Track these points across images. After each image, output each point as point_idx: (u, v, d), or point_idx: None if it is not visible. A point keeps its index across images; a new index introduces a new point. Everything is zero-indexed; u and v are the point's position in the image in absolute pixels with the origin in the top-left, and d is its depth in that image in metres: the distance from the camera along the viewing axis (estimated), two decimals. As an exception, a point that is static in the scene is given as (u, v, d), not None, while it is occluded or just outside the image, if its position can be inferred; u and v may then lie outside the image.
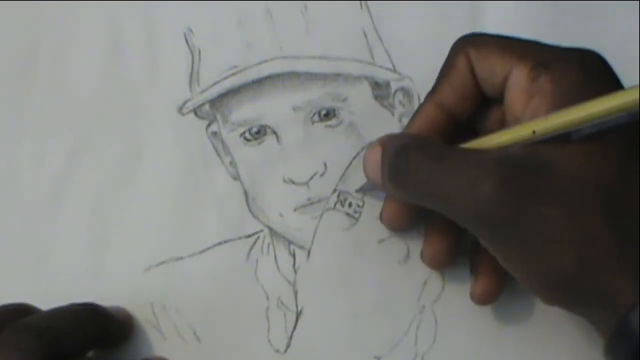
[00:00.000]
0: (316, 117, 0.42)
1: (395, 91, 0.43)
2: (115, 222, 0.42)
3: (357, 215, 0.41)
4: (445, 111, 0.38)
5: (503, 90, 0.36)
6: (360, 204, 0.41)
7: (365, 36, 0.44)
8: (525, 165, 0.33)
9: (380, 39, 0.44)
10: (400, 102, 0.43)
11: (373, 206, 0.41)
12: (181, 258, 0.41)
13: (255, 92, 0.42)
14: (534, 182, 0.32)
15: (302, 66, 0.43)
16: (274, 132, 0.42)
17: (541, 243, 0.32)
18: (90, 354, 0.39)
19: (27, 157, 0.43)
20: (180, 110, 0.43)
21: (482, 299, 0.38)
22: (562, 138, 0.33)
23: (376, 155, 0.37)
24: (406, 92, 0.43)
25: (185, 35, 0.44)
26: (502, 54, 0.36)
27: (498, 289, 0.38)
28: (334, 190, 0.41)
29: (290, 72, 0.43)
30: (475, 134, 0.37)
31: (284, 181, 0.42)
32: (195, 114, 0.43)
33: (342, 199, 0.41)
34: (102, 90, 0.44)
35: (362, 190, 0.41)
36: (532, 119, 0.34)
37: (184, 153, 0.43)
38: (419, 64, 0.43)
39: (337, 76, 0.43)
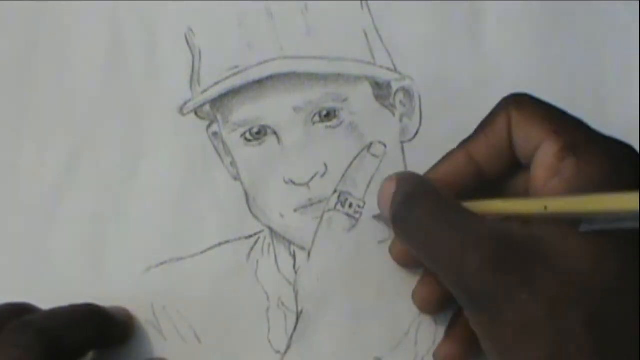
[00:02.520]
0: (317, 118, 0.42)
1: (396, 91, 0.43)
2: (116, 222, 0.42)
3: (357, 216, 0.41)
4: (475, 164, 0.37)
5: (532, 159, 0.35)
6: (361, 204, 0.41)
7: (366, 36, 0.44)
8: (520, 246, 0.32)
9: (380, 39, 0.44)
10: (401, 102, 0.43)
11: (374, 207, 0.41)
12: (181, 258, 0.41)
13: (255, 93, 0.42)
14: (524, 265, 0.31)
15: (302, 66, 0.43)
16: (275, 133, 0.42)
17: (516, 329, 0.31)
18: (90, 354, 0.39)
19: (27, 157, 0.43)
20: (180, 110, 0.43)
21: None
22: (571, 224, 0.32)
23: (389, 190, 0.37)
24: (407, 92, 0.43)
25: (185, 36, 0.44)
26: (540, 123, 0.35)
27: (464, 357, 0.38)
28: (335, 191, 0.41)
29: (290, 72, 0.43)
30: (498, 194, 0.37)
31: (285, 182, 0.42)
32: (196, 114, 0.43)
33: (342, 199, 0.41)
34: (103, 91, 0.44)
35: (377, 218, 0.41)
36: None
37: (184, 153, 0.43)
38: (420, 64, 0.44)
39: (337, 76, 0.43)
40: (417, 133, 0.43)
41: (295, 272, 0.41)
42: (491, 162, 0.37)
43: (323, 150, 0.42)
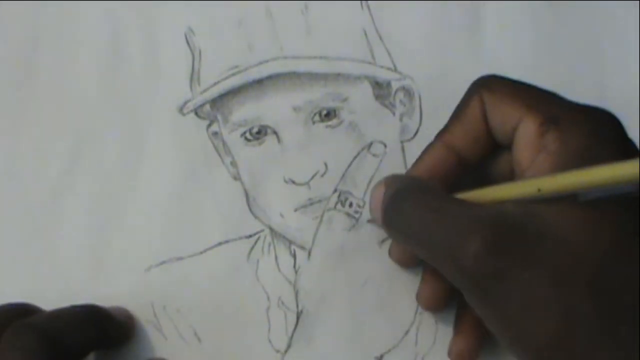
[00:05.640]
0: (317, 117, 0.42)
1: (396, 91, 0.43)
2: (116, 222, 0.42)
3: (357, 216, 0.41)
4: (454, 153, 0.37)
5: (512, 139, 0.35)
6: (361, 204, 0.41)
7: (366, 36, 0.44)
8: (516, 226, 0.32)
9: (380, 38, 0.44)
10: (401, 102, 0.43)
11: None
12: (182, 258, 0.41)
13: (255, 93, 0.42)
14: (522, 245, 0.31)
15: (302, 66, 0.43)
16: (275, 132, 0.42)
17: (521, 307, 0.31)
18: (91, 355, 0.39)
19: (27, 157, 0.43)
20: (181, 110, 0.43)
21: (459, 358, 0.38)
22: (567, 198, 0.32)
23: (379, 194, 0.37)
24: (407, 91, 0.43)
25: (185, 36, 0.44)
26: (514, 102, 0.35)
27: (477, 349, 0.38)
28: (335, 191, 0.41)
29: (290, 72, 0.43)
30: (484, 178, 0.37)
31: (285, 181, 0.42)
32: (196, 114, 0.43)
33: (342, 199, 0.41)
34: (103, 90, 0.44)
35: (372, 221, 0.41)
36: (535, 175, 0.33)
37: (184, 153, 0.43)
38: (420, 63, 0.44)
39: (337, 76, 0.43)
40: (417, 132, 0.43)
41: (296, 272, 0.41)
42: (470, 148, 0.37)
43: (323, 149, 0.42)
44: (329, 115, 0.42)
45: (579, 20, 0.44)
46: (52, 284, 0.41)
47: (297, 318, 0.40)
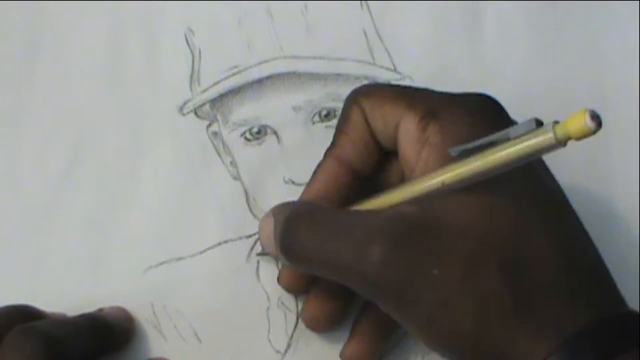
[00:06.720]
0: (317, 118, 0.42)
1: (396, 91, 0.43)
2: (116, 222, 0.42)
3: (357, 216, 0.41)
4: (345, 166, 0.37)
5: (396, 139, 0.35)
6: (361, 204, 0.41)
7: (366, 36, 0.44)
8: (416, 224, 0.31)
9: (380, 38, 0.44)
10: (401, 102, 0.43)
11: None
12: (182, 258, 0.41)
13: (255, 92, 0.42)
14: (425, 243, 0.31)
15: (302, 66, 0.43)
16: (275, 133, 0.42)
17: (437, 304, 0.31)
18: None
19: (27, 157, 0.43)
20: (180, 110, 0.43)
21: None
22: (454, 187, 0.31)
23: (269, 226, 0.36)
24: (407, 91, 0.43)
25: (185, 36, 0.44)
26: (393, 103, 0.35)
27: (369, 355, 0.38)
28: (335, 191, 0.41)
29: (290, 72, 0.43)
30: (379, 189, 0.36)
31: (285, 181, 0.42)
32: (196, 114, 0.43)
33: (342, 199, 0.41)
34: (102, 90, 0.44)
35: (262, 254, 0.40)
36: (424, 171, 0.33)
37: (184, 153, 0.42)
38: (419, 64, 0.44)
39: (337, 76, 0.43)
40: (417, 133, 0.43)
41: (296, 272, 0.41)
42: (360, 159, 0.37)
43: (323, 149, 0.41)
44: (328, 115, 0.42)
45: (578, 20, 0.44)
46: (51, 284, 0.41)
47: (297, 318, 0.40)
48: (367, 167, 0.37)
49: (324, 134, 0.42)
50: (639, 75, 0.43)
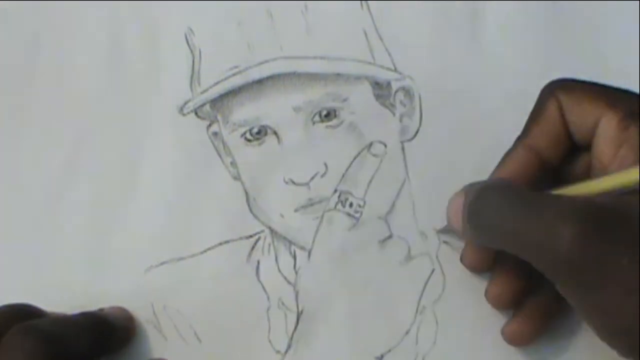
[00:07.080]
0: (317, 118, 0.42)
1: (396, 91, 0.43)
2: (116, 222, 0.42)
3: (358, 216, 0.41)
4: (535, 155, 0.38)
5: (592, 137, 0.36)
6: (361, 204, 0.41)
7: (366, 36, 0.44)
8: (610, 214, 0.32)
9: (380, 38, 0.44)
10: (401, 102, 0.43)
11: (374, 207, 0.41)
12: (182, 258, 0.41)
13: (255, 93, 0.42)
14: (618, 231, 0.31)
15: (302, 66, 0.43)
16: (275, 133, 0.42)
17: (622, 294, 0.31)
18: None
19: (27, 157, 0.43)
20: (181, 110, 0.43)
21: (513, 336, 0.38)
22: None
23: (459, 201, 0.37)
24: (407, 91, 0.43)
25: (186, 36, 0.44)
26: (593, 101, 0.36)
27: (528, 337, 0.38)
28: (335, 191, 0.41)
29: (290, 72, 0.43)
30: (562, 180, 0.37)
31: (285, 182, 0.42)
32: (196, 114, 0.43)
33: (342, 199, 0.41)
34: (103, 91, 0.44)
35: (442, 231, 0.41)
36: (619, 169, 0.34)
37: (184, 153, 0.43)
38: (420, 64, 0.44)
39: (337, 76, 0.43)
40: (417, 133, 0.43)
41: (296, 272, 0.41)
42: (551, 150, 0.37)
43: (323, 150, 0.42)
44: (329, 115, 0.42)
45: (578, 20, 0.44)
46: (52, 284, 0.41)
47: (297, 318, 0.40)
48: (556, 158, 0.38)
49: (324, 134, 0.42)
50: (639, 75, 0.43)
